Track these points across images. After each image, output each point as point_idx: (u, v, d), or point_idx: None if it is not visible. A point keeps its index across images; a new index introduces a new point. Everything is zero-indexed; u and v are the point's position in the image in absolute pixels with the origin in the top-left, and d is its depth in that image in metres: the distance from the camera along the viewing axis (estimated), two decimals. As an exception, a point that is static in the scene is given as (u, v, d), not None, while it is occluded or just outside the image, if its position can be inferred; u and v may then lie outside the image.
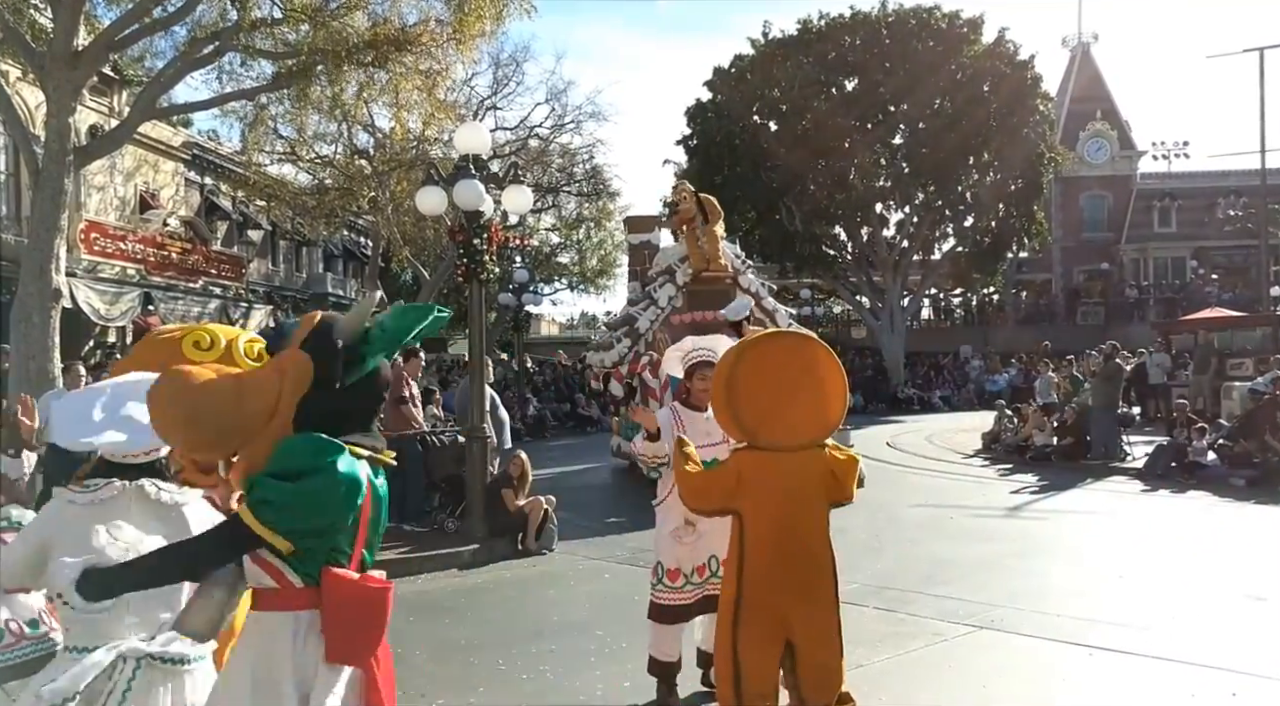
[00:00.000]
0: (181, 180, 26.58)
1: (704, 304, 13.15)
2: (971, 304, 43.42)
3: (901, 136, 31.26)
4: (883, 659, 5.69)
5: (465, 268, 9.92)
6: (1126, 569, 7.97)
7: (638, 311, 13.89)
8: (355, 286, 37.82)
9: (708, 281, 13.50)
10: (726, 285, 13.61)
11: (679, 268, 13.71)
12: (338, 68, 13.81)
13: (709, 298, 13.20)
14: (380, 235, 25.95)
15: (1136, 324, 35.87)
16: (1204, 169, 42.42)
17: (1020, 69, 30.36)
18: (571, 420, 23.98)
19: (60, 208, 12.13)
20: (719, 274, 13.59)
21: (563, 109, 31.71)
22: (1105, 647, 5.77)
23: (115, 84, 21.70)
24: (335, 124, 23.16)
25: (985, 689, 5.21)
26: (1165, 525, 10.26)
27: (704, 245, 13.38)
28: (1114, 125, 43.39)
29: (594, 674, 5.56)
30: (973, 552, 8.81)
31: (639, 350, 13.31)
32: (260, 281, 30.77)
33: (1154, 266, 42.63)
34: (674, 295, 13.66)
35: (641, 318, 13.61)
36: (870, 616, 6.63)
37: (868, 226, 32.05)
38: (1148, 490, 12.63)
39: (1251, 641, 5.91)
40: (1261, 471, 12.32)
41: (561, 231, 37.49)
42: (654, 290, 13.86)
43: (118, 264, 22.22)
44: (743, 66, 31.59)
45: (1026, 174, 30.81)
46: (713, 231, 13.51)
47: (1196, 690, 5.05)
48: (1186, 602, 6.90)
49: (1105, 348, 16.00)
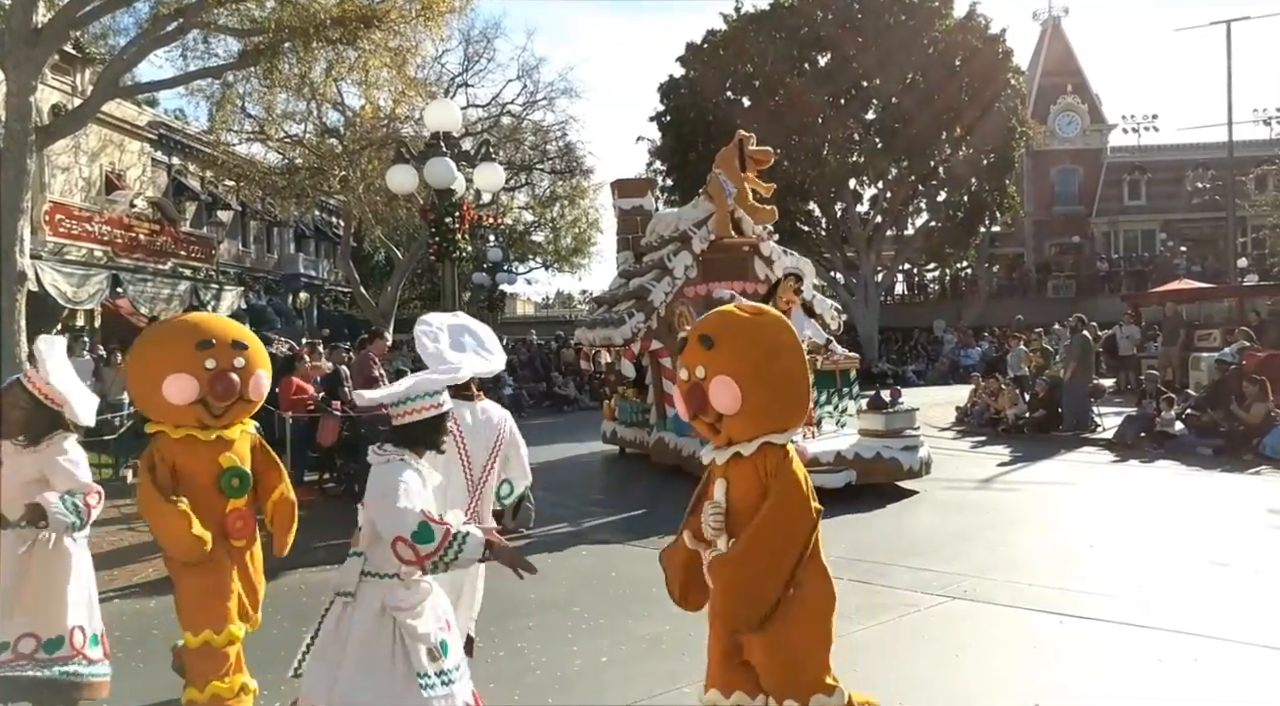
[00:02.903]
0: (148, 160, 26.20)
1: (720, 274, 12.34)
2: (945, 278, 43.69)
3: (874, 111, 31.29)
4: (857, 630, 5.75)
5: (437, 246, 9.89)
6: (1097, 538, 8.10)
7: (648, 282, 12.40)
8: (327, 267, 37.53)
9: (725, 249, 12.46)
10: (745, 253, 12.62)
11: (695, 233, 12.39)
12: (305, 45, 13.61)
13: (727, 267, 12.35)
14: (352, 215, 25.71)
15: (1107, 297, 36.22)
16: (1173, 142, 42.85)
17: (992, 43, 30.44)
18: (548, 399, 23.98)
19: (23, 188, 11.93)
20: (739, 241, 12.55)
21: (535, 86, 31.51)
22: (1075, 615, 5.88)
23: (77, 62, 21.32)
24: (304, 102, 22.82)
25: (959, 658, 5.28)
26: (1134, 494, 10.42)
27: (734, 204, 12.34)
28: (1085, 99, 43.63)
29: (571, 649, 5.60)
30: (946, 524, 8.93)
31: (651, 326, 12.09)
32: (231, 263, 30.45)
33: (1124, 239, 43.05)
34: (690, 265, 12.31)
35: (655, 289, 12.16)
36: (844, 588, 6.66)
37: (841, 202, 32.12)
38: (1117, 460, 12.80)
39: (1215, 606, 6.04)
40: (1228, 440, 12.52)
41: (535, 210, 37.29)
42: (667, 258, 12.45)
43: (84, 246, 21.91)
44: (716, 42, 31.46)
45: (998, 148, 30.95)
46: (744, 191, 12.43)
47: (1163, 654, 5.16)
48: (1154, 570, 7.02)
49: (1071, 321, 16.11)
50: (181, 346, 4.32)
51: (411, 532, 3.04)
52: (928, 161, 30.99)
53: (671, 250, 12.61)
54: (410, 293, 36.20)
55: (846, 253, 33.37)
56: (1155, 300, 22.48)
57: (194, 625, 4.16)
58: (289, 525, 4.67)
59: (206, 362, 4.27)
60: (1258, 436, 12.18)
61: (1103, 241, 43.24)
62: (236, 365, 4.34)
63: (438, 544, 3.06)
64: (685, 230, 12.57)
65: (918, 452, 10.56)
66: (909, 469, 10.40)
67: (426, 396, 3.38)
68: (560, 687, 5.05)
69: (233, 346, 4.39)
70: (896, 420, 10.77)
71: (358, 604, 3.17)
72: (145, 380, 4.36)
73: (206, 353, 4.29)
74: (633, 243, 14.61)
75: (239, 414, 4.49)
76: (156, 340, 4.53)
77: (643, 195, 15.32)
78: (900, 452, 10.39)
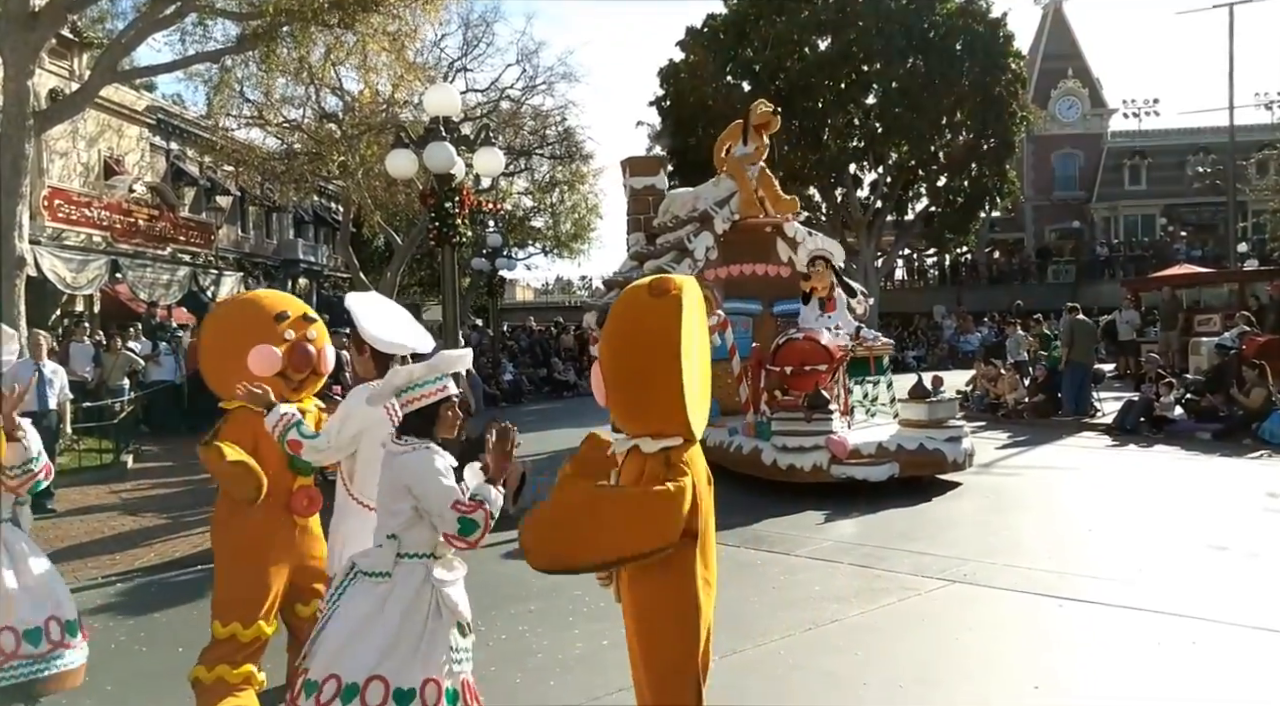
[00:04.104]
0: (146, 145, 26.11)
1: (742, 256, 11.86)
2: (944, 264, 43.64)
3: (875, 96, 31.17)
4: (857, 613, 5.78)
5: (437, 232, 9.86)
6: (1096, 522, 8.12)
7: (666, 264, 11.68)
8: (327, 253, 37.46)
9: (747, 230, 11.91)
10: (768, 234, 12.08)
11: (717, 213, 11.79)
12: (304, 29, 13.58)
13: (749, 248, 11.84)
14: (351, 200, 25.66)
15: (1107, 282, 36.19)
16: (1174, 126, 42.72)
17: (992, 27, 30.29)
18: (548, 385, 24.00)
19: (21, 173, 11.92)
20: (762, 221, 11.97)
21: (534, 70, 31.51)
22: (1075, 599, 5.89)
23: (75, 46, 21.21)
24: (303, 87, 22.77)
25: (958, 641, 5.30)
26: (1134, 479, 10.44)
27: (756, 185, 11.78)
28: (1085, 83, 43.49)
29: (573, 632, 5.62)
30: (945, 509, 8.95)
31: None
32: (230, 248, 30.39)
33: (1124, 224, 42.97)
34: (711, 246, 11.73)
35: (674, 272, 11.86)
36: (845, 572, 6.74)
37: (841, 187, 32.05)
38: (1117, 445, 12.82)
39: (1213, 590, 6.06)
40: (1227, 425, 12.55)
41: (534, 195, 37.21)
42: (687, 239, 11.84)
43: (83, 231, 21.87)
44: (716, 26, 31.31)
45: (999, 133, 30.84)
46: (766, 171, 11.95)
47: (1162, 637, 5.18)
48: (1153, 554, 7.04)
49: (1066, 308, 16.26)
50: (262, 319, 4.33)
51: (457, 530, 3.15)
52: (928, 146, 30.89)
53: (691, 230, 12.01)
54: (410, 278, 36.16)
55: (846, 238, 33.29)
56: (1155, 285, 22.45)
57: (225, 616, 4.13)
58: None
59: (286, 334, 4.29)
60: (1257, 421, 12.19)
61: (1103, 226, 43.17)
62: (310, 337, 4.37)
63: (482, 529, 3.19)
64: (706, 210, 11.95)
65: (961, 444, 10.00)
66: (954, 461, 9.86)
67: (435, 381, 3.38)
68: (561, 670, 5.07)
69: (304, 319, 4.43)
70: (940, 409, 10.24)
71: (396, 582, 3.22)
72: (227, 353, 4.32)
73: (283, 324, 4.30)
74: (645, 223, 13.98)
75: (311, 387, 4.48)
76: (237, 313, 4.58)
77: (655, 173, 14.58)
78: (944, 444, 9.85)
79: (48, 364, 10.38)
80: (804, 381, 10.00)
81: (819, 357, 10.03)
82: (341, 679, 3.11)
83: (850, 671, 4.85)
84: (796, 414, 9.85)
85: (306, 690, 3.16)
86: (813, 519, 8.63)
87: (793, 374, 10.06)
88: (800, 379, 10.03)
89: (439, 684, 3.15)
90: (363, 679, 3.09)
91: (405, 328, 4.17)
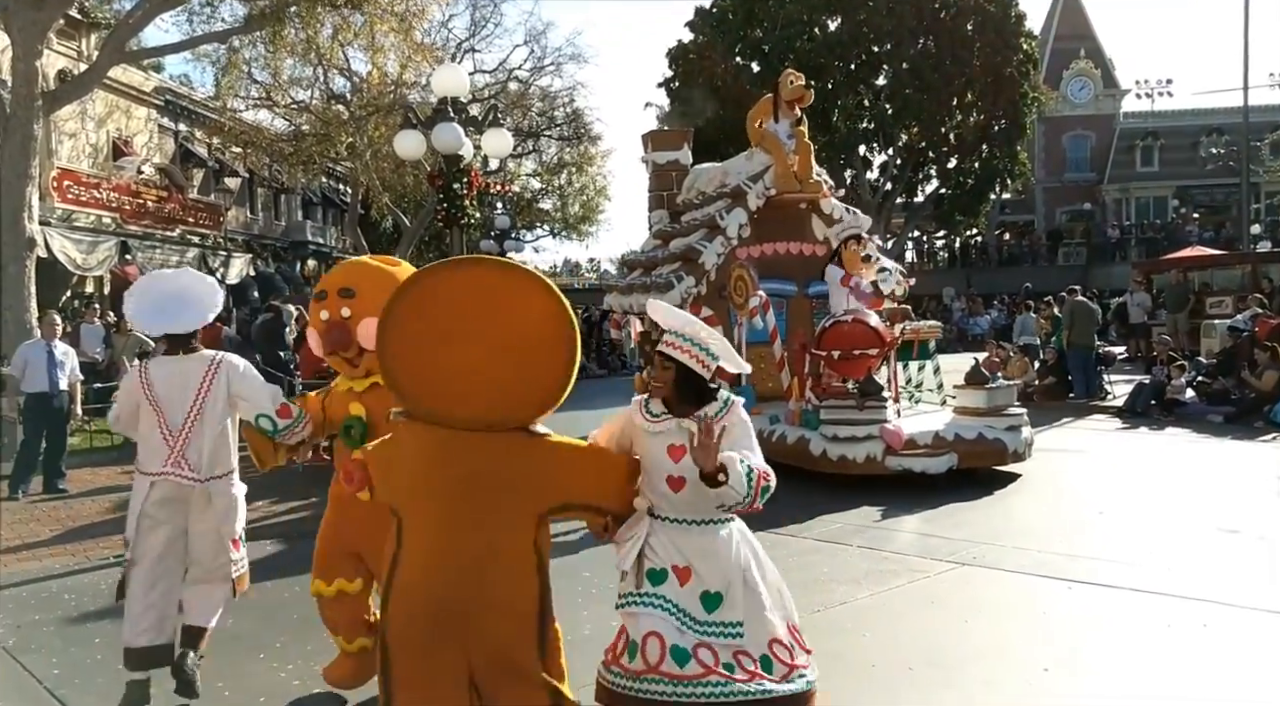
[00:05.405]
0: (155, 127, 26.11)
1: (776, 234, 11.24)
2: (955, 246, 43.47)
3: (885, 77, 30.98)
4: (866, 596, 5.78)
5: (445, 213, 9.85)
6: (1106, 505, 8.09)
7: (697, 242, 10.97)
8: (335, 234, 37.47)
9: (780, 206, 11.18)
10: (803, 211, 11.45)
11: (750, 188, 11.03)
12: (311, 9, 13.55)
13: (783, 226, 11.27)
14: (359, 182, 25.65)
15: (1118, 264, 35.97)
16: (1187, 107, 42.32)
17: (1004, 7, 30.04)
18: (556, 366, 23.98)
19: (30, 154, 11.93)
20: (796, 196, 11.23)
21: (542, 51, 31.44)
22: (1084, 581, 5.88)
23: (83, 27, 21.19)
24: (310, 68, 22.73)
25: (967, 623, 5.30)
26: (1144, 462, 10.41)
27: (794, 159, 11.08)
28: (1097, 64, 43.10)
29: (581, 614, 5.62)
30: (955, 491, 8.91)
31: (701, 290, 10.62)
32: (239, 230, 30.43)
33: (1136, 206, 42.66)
34: (744, 224, 10.95)
35: (706, 250, 10.73)
36: (854, 554, 6.73)
37: (851, 169, 31.88)
38: (1128, 427, 12.78)
39: (1224, 573, 6.04)
40: (1238, 407, 12.49)
41: (542, 177, 37.15)
42: (719, 216, 11.03)
43: (93, 212, 21.91)
44: (725, 6, 31.13)
45: (1010, 114, 30.64)
46: (804, 140, 11.25)
47: (1173, 620, 5.16)
48: (1164, 537, 7.02)
49: (1067, 291, 16.27)
50: (313, 302, 4.38)
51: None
52: (938, 127, 30.70)
53: (723, 207, 11.20)
54: (418, 260, 36.12)
55: (856, 220, 33.18)
56: (1167, 267, 22.32)
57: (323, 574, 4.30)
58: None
59: (322, 315, 4.24)
60: (1268, 404, 12.13)
61: (1114, 208, 42.87)
62: (344, 314, 4.17)
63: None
64: (739, 185, 11.17)
65: (1021, 433, 9.39)
66: (1014, 451, 9.23)
67: None
68: (571, 652, 5.05)
69: (340, 295, 4.20)
70: (999, 396, 9.63)
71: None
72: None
73: (321, 305, 4.26)
74: (668, 200, 13.18)
75: (373, 362, 4.22)
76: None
77: (679, 148, 13.54)
78: (1004, 433, 9.20)
79: (59, 345, 10.40)
80: (853, 366, 9.35)
81: (869, 341, 9.28)
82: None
83: (859, 653, 4.85)
84: (847, 401, 9.34)
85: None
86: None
87: (840, 358, 9.36)
88: (849, 364, 9.36)
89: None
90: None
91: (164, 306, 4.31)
